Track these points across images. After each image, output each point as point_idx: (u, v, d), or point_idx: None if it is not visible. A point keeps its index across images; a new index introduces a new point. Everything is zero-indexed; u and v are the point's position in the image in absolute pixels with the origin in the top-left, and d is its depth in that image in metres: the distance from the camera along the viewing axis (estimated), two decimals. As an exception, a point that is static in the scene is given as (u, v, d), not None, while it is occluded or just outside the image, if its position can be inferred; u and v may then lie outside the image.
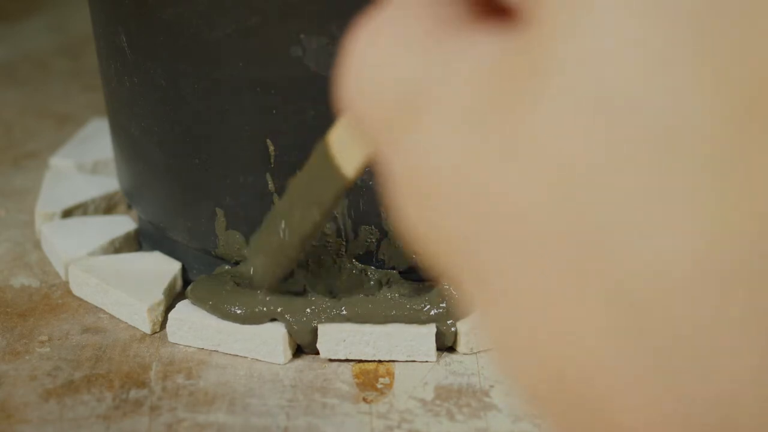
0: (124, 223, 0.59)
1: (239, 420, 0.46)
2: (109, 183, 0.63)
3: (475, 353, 0.50)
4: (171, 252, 0.56)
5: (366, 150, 0.40)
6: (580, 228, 0.13)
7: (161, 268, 0.55)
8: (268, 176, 0.50)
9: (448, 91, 0.15)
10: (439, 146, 0.15)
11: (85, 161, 0.66)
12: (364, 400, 0.47)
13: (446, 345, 0.50)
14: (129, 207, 0.62)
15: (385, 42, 0.16)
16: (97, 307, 0.54)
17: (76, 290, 0.55)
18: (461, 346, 0.50)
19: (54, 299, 0.55)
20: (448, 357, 0.50)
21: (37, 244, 0.60)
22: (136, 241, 0.59)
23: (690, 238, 0.12)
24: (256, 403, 0.47)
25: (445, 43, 0.16)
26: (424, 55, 0.16)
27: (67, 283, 0.56)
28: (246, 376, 0.49)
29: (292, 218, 0.46)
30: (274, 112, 0.49)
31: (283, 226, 0.46)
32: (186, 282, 0.55)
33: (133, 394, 0.48)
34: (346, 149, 0.41)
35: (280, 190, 0.50)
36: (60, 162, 0.66)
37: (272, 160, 0.50)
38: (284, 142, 0.49)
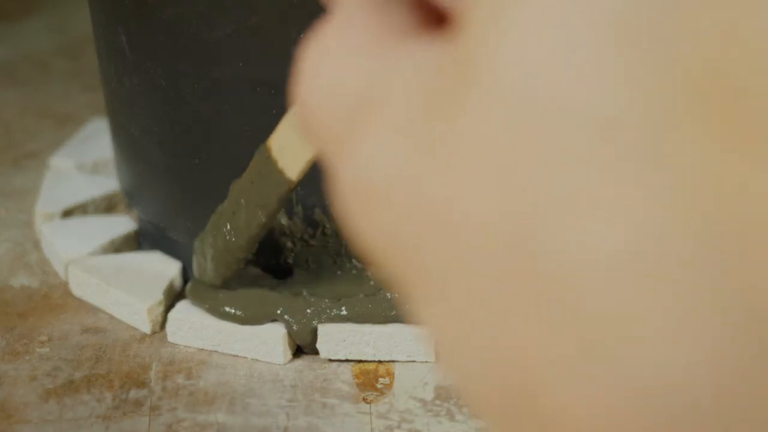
0: (124, 223, 0.59)
1: (239, 420, 0.46)
2: (109, 183, 0.63)
3: (475, 353, 0.50)
4: (171, 252, 0.56)
5: (309, 153, 0.41)
6: (514, 229, 0.13)
7: (161, 268, 0.55)
8: (268, 176, 0.50)
9: (390, 101, 0.16)
10: (382, 154, 0.15)
11: (85, 161, 0.66)
12: (364, 400, 0.47)
13: (446, 345, 0.50)
14: (129, 207, 0.62)
15: (333, 54, 0.17)
16: (97, 307, 0.54)
17: (76, 290, 0.55)
18: (461, 346, 0.50)
19: (54, 299, 0.55)
20: (448, 357, 0.50)
21: (37, 244, 0.60)
22: (136, 241, 0.59)
23: (618, 234, 0.13)
24: (256, 403, 0.47)
25: (388, 52, 0.16)
26: (369, 66, 0.16)
27: (67, 283, 0.56)
28: (246, 376, 0.49)
29: (237, 221, 0.47)
30: (274, 112, 0.49)
31: (228, 227, 0.48)
32: (186, 282, 0.55)
33: (133, 394, 0.48)
34: (288, 153, 0.42)
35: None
36: (60, 162, 0.66)
37: (272, 160, 0.50)
38: (284, 142, 0.49)
